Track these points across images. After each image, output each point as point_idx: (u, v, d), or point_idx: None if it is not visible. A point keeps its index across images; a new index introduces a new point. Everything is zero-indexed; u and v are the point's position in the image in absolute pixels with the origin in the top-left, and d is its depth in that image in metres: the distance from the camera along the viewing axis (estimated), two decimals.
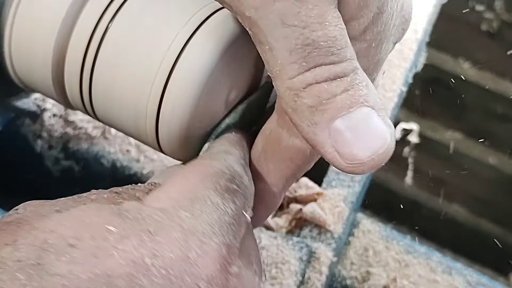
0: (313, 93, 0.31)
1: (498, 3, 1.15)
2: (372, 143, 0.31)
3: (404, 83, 0.70)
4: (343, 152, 0.31)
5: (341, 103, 0.30)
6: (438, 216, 1.30)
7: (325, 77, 0.30)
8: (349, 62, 0.31)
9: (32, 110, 0.55)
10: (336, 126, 0.31)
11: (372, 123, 0.31)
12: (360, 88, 0.31)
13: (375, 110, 0.31)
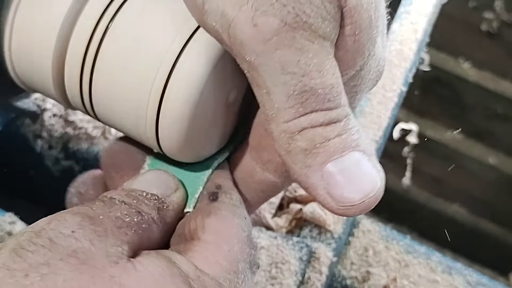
0: (308, 136, 0.32)
1: (498, 3, 1.15)
2: (363, 186, 0.32)
3: (404, 83, 0.70)
4: (335, 194, 0.32)
5: (334, 147, 0.31)
6: (438, 216, 1.31)
7: (320, 122, 0.31)
8: (343, 108, 0.32)
9: (32, 110, 0.55)
10: (328, 169, 0.32)
11: (363, 167, 0.32)
12: (352, 133, 0.32)
13: (366, 155, 0.32)
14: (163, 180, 0.38)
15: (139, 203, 0.35)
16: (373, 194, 0.32)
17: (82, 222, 0.32)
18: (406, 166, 1.14)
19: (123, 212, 0.34)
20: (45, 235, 0.31)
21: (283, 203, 0.61)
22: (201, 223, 0.36)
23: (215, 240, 0.35)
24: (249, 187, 0.38)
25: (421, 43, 0.74)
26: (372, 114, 0.67)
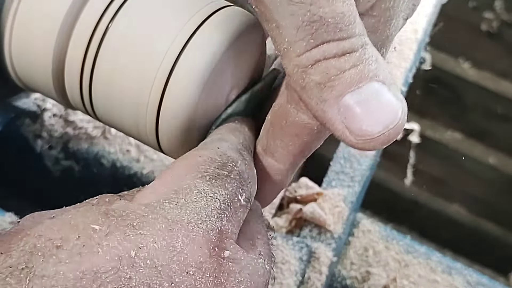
0: (321, 69, 0.30)
1: (498, 3, 1.15)
2: (383, 118, 0.30)
3: (404, 83, 0.70)
4: (353, 128, 0.30)
5: (350, 78, 0.30)
6: (438, 216, 1.31)
7: (333, 53, 0.30)
8: (358, 38, 0.30)
9: (32, 110, 0.55)
10: (345, 102, 0.30)
11: (383, 97, 0.30)
12: (369, 63, 0.30)
13: (386, 85, 0.30)
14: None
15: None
16: (393, 125, 0.30)
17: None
18: (407, 166, 1.14)
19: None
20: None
21: (283, 203, 0.61)
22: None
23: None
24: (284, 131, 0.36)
25: (421, 43, 0.74)
26: None
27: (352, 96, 0.30)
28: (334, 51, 0.30)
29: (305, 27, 0.29)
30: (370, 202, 0.73)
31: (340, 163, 0.63)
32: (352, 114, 0.30)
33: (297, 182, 0.61)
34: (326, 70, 0.30)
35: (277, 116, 0.36)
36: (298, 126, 0.36)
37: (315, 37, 0.30)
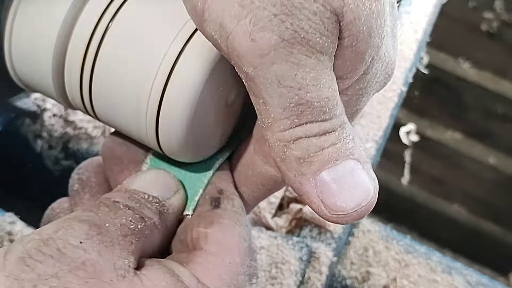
0: (302, 146, 0.32)
1: (498, 3, 1.15)
2: (356, 195, 0.32)
3: (404, 83, 0.70)
4: (328, 203, 0.32)
5: (328, 156, 0.32)
6: (438, 216, 1.31)
7: (315, 133, 0.32)
8: (338, 118, 0.32)
9: (32, 110, 0.55)
10: (322, 178, 0.32)
11: (357, 176, 0.32)
12: (346, 142, 0.32)
13: (360, 163, 0.32)
14: (163, 181, 0.38)
15: (142, 207, 0.36)
16: (365, 203, 0.32)
17: (89, 231, 0.32)
18: (408, 166, 1.14)
19: (128, 219, 0.34)
20: (53, 245, 0.31)
21: (283, 203, 0.61)
22: (204, 232, 0.36)
23: (218, 252, 0.35)
24: (250, 180, 0.38)
25: (421, 43, 0.74)
26: (372, 114, 0.67)
27: (329, 173, 0.32)
28: (316, 131, 0.32)
29: (291, 108, 0.31)
30: None
31: None
32: (328, 189, 0.32)
33: None
34: (306, 147, 0.32)
35: (244, 166, 0.39)
36: (264, 177, 0.38)
37: (300, 117, 0.31)
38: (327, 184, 0.32)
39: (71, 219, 0.33)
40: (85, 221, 0.33)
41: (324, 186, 0.32)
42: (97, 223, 0.33)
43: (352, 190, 0.32)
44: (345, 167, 0.32)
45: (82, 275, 0.31)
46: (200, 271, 0.34)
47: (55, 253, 0.31)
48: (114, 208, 0.34)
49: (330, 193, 0.32)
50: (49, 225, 0.33)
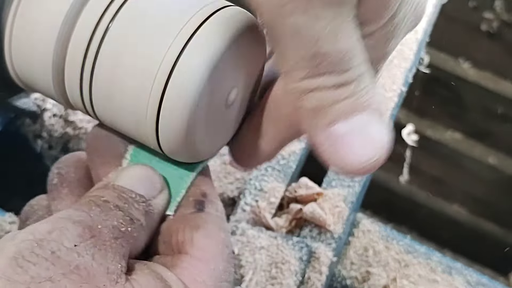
0: (317, 97, 0.31)
1: (498, 3, 1.15)
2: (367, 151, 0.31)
3: (404, 83, 0.70)
4: (339, 156, 0.31)
5: (342, 109, 0.31)
6: (438, 216, 1.31)
7: (331, 85, 0.31)
8: (356, 68, 0.31)
9: (32, 110, 0.55)
10: (334, 131, 0.31)
11: (371, 130, 0.31)
12: (362, 94, 0.31)
13: (376, 116, 0.32)
14: (149, 178, 0.38)
15: (130, 207, 0.35)
16: (375, 159, 0.31)
17: (83, 233, 0.32)
18: (408, 166, 1.14)
19: (119, 221, 0.34)
20: (47, 246, 0.31)
21: (283, 203, 0.61)
22: (189, 237, 0.36)
23: (203, 258, 0.35)
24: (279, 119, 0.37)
25: (421, 43, 0.74)
26: None
27: (341, 126, 0.31)
28: (332, 83, 0.31)
29: (308, 59, 0.30)
30: (370, 202, 0.73)
31: None
32: (339, 143, 0.31)
33: (297, 182, 0.61)
34: (320, 99, 0.31)
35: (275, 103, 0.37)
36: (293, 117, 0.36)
37: (316, 69, 0.30)
38: (338, 137, 0.31)
39: (64, 219, 0.33)
40: (79, 222, 0.33)
41: (335, 139, 0.31)
42: (90, 224, 0.33)
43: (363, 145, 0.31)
44: (358, 122, 0.31)
45: (76, 279, 0.31)
46: (186, 276, 0.35)
47: (49, 255, 0.31)
48: (105, 208, 0.34)
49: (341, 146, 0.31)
50: (42, 225, 0.32)
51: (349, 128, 0.31)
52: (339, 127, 0.31)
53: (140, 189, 0.37)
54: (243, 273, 0.53)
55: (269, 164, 0.61)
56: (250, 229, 0.56)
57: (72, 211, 0.34)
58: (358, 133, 0.31)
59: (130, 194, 0.36)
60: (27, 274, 0.30)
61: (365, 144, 0.31)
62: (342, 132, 0.31)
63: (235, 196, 0.62)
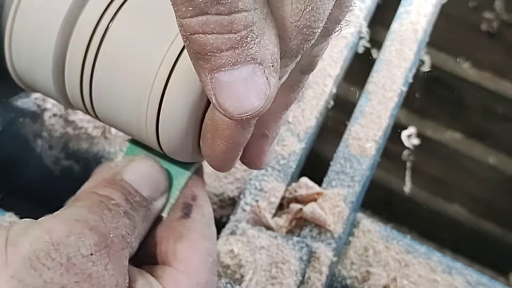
0: (199, 42, 0.30)
1: (498, 3, 1.15)
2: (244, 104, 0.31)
3: (404, 83, 0.70)
4: (220, 102, 0.31)
5: (225, 59, 0.30)
6: (438, 216, 1.31)
7: (211, 28, 0.29)
8: (242, 16, 0.30)
9: (32, 110, 0.55)
10: (216, 78, 0.30)
11: (251, 84, 0.31)
12: (250, 46, 0.30)
13: (262, 68, 0.31)
14: (155, 178, 0.38)
15: (135, 213, 0.36)
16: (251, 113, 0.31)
17: (99, 242, 0.33)
18: (408, 166, 1.14)
19: (126, 231, 0.34)
20: (64, 251, 0.31)
21: (283, 203, 0.61)
22: (173, 248, 0.37)
23: (186, 271, 0.36)
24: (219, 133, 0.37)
25: (421, 43, 0.74)
26: (372, 114, 0.67)
27: (224, 75, 0.30)
28: (212, 26, 0.29)
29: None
30: (370, 202, 0.73)
31: (340, 163, 0.63)
32: (220, 90, 0.31)
33: (297, 182, 0.61)
34: (203, 44, 0.30)
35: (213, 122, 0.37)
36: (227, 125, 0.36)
37: (194, 5, 0.29)
38: (220, 84, 0.31)
39: (81, 223, 0.33)
40: (95, 229, 0.33)
41: (217, 85, 0.31)
42: (104, 232, 0.33)
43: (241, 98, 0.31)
44: (240, 73, 0.30)
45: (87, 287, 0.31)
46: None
47: (65, 261, 0.31)
48: (116, 215, 0.35)
49: (221, 94, 0.31)
50: (59, 225, 0.32)
51: (230, 78, 0.30)
52: (221, 76, 0.30)
53: (145, 190, 0.37)
54: (243, 273, 0.53)
55: (269, 164, 0.61)
56: (250, 229, 0.56)
57: (87, 213, 0.34)
58: (236, 85, 0.30)
59: (135, 197, 0.36)
60: (40, 278, 0.30)
61: (242, 98, 0.31)
62: (223, 82, 0.30)
63: (235, 196, 0.62)
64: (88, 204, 0.35)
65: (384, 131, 0.66)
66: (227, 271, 0.53)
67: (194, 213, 0.39)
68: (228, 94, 0.30)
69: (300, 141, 0.64)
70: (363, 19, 0.74)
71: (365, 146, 0.64)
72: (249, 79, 0.30)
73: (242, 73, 0.30)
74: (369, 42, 0.75)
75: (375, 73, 0.70)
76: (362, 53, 0.75)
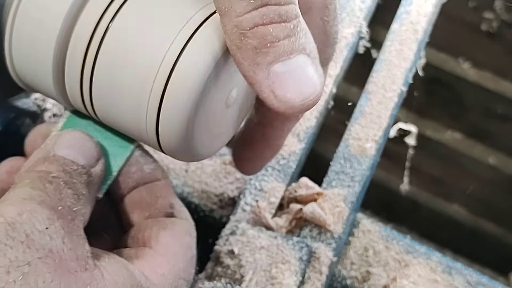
0: (259, 34, 0.32)
1: (498, 3, 1.15)
2: (305, 90, 0.33)
3: (404, 83, 0.70)
4: (278, 94, 0.33)
5: (283, 48, 0.32)
6: (438, 216, 1.31)
7: (271, 18, 0.32)
8: (293, 7, 0.32)
9: (32, 110, 0.55)
10: (275, 69, 0.33)
11: (307, 71, 0.33)
12: (300, 36, 0.33)
13: (311, 58, 0.33)
14: (87, 147, 0.38)
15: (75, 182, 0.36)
16: (312, 97, 0.33)
17: (51, 216, 0.33)
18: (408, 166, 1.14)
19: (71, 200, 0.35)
20: (21, 229, 0.32)
21: (283, 203, 0.61)
22: (156, 234, 0.38)
23: (165, 254, 0.37)
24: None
25: (421, 43, 0.74)
26: (372, 114, 0.67)
27: (282, 65, 0.33)
28: (271, 16, 0.32)
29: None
30: (370, 202, 0.73)
31: (340, 163, 0.63)
32: (279, 81, 0.33)
33: (297, 182, 0.61)
34: (263, 35, 0.32)
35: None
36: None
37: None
38: (279, 76, 0.33)
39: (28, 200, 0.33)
40: (42, 203, 0.33)
41: (276, 77, 0.33)
42: (51, 205, 0.33)
43: (301, 84, 0.33)
44: (297, 62, 0.33)
45: (51, 263, 0.31)
46: (147, 268, 0.36)
47: (23, 238, 0.31)
48: (57, 186, 0.35)
49: (281, 85, 0.33)
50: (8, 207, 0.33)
51: (288, 68, 0.33)
52: (280, 67, 0.33)
53: (81, 159, 0.37)
54: (243, 273, 0.53)
55: (269, 164, 0.61)
56: (250, 229, 0.56)
57: (30, 190, 0.34)
58: (295, 73, 0.33)
59: (72, 166, 0.37)
60: (5, 257, 0.30)
61: (302, 84, 0.33)
62: (282, 72, 0.33)
63: (235, 196, 0.62)
64: (30, 182, 0.35)
65: (384, 131, 0.66)
66: (227, 271, 0.53)
67: (177, 215, 0.40)
68: (288, 84, 0.33)
69: (300, 141, 0.64)
70: (363, 19, 0.74)
71: (365, 146, 0.64)
72: (304, 67, 0.33)
73: (297, 62, 0.33)
74: (369, 42, 0.75)
75: (375, 73, 0.70)
76: (362, 53, 0.75)
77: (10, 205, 0.33)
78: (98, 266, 0.34)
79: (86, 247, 0.34)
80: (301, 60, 0.33)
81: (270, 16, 0.32)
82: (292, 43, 0.32)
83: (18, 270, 0.30)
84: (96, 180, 0.38)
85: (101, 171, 0.39)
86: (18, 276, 0.30)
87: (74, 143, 0.38)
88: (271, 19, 0.32)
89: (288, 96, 0.33)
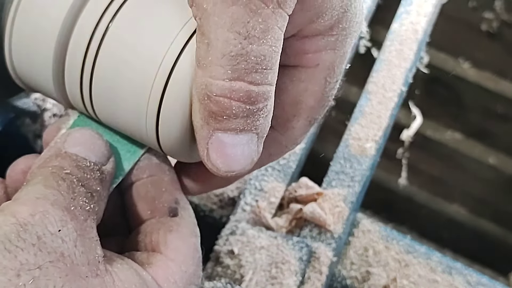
0: (221, 105, 0.33)
1: (498, 3, 1.15)
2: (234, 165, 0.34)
3: (404, 83, 0.70)
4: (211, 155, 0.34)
5: (236, 125, 0.33)
6: (438, 216, 1.31)
7: (239, 97, 0.32)
8: (267, 88, 0.33)
9: (32, 110, 0.55)
10: (219, 136, 0.34)
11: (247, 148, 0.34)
12: (259, 118, 0.33)
13: (258, 137, 0.34)
14: (97, 144, 0.38)
15: (89, 179, 0.36)
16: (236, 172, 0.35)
17: (63, 217, 0.32)
18: (408, 166, 1.14)
19: (84, 200, 0.34)
20: (32, 231, 0.31)
21: (283, 203, 0.61)
22: (164, 238, 0.38)
23: (176, 259, 0.37)
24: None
25: (421, 43, 0.74)
26: (372, 114, 0.67)
27: (227, 136, 0.34)
28: (241, 94, 0.32)
29: (231, 56, 0.32)
30: (370, 202, 0.73)
31: (340, 163, 0.63)
32: (217, 147, 0.34)
33: (297, 182, 0.61)
34: (224, 108, 0.33)
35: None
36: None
37: (234, 69, 0.32)
38: (219, 143, 0.34)
39: (42, 200, 0.33)
40: (57, 204, 0.33)
41: (216, 142, 0.34)
42: (64, 205, 0.33)
43: (234, 159, 0.34)
44: (242, 139, 0.34)
45: (62, 267, 0.31)
46: (160, 275, 0.36)
47: (35, 240, 0.31)
48: (71, 184, 0.35)
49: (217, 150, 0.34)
50: (21, 207, 0.32)
51: (231, 141, 0.34)
52: (224, 136, 0.34)
53: (92, 157, 0.37)
54: (243, 273, 0.53)
55: (269, 164, 0.61)
56: (250, 229, 0.56)
57: (43, 188, 0.34)
58: (235, 148, 0.34)
59: (84, 162, 0.36)
60: (16, 260, 0.30)
61: (234, 159, 0.34)
62: (223, 141, 0.34)
63: (235, 196, 0.62)
64: (42, 179, 0.35)
65: (384, 131, 0.66)
66: (227, 271, 0.53)
67: (181, 213, 0.40)
68: (223, 154, 0.34)
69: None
70: (363, 19, 0.74)
71: (365, 146, 0.64)
72: (246, 145, 0.34)
73: (244, 139, 0.34)
74: (369, 42, 0.75)
75: (375, 73, 0.70)
76: (363, 53, 0.75)
77: (22, 204, 0.32)
78: (109, 271, 0.33)
79: (98, 251, 0.33)
80: (247, 138, 0.34)
81: (239, 95, 0.32)
82: (247, 124, 0.33)
83: (28, 273, 0.30)
84: (108, 178, 0.38)
85: (112, 169, 0.38)
86: (29, 280, 0.29)
87: (84, 141, 0.38)
88: (239, 97, 0.32)
89: (217, 163, 0.34)
